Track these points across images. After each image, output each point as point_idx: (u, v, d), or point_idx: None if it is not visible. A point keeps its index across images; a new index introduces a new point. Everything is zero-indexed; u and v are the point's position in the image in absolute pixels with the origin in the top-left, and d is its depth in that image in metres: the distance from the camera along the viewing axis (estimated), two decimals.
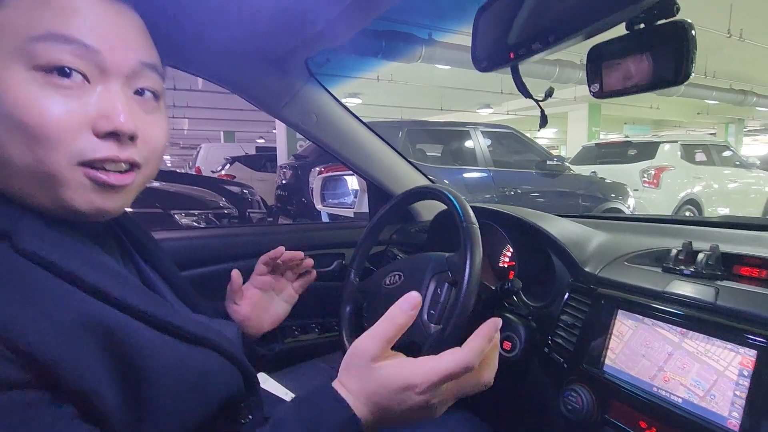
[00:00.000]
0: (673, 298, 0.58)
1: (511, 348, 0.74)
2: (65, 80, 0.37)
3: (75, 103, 0.37)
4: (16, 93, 0.36)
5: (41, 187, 0.38)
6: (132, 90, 0.42)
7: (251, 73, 0.93)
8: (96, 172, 0.39)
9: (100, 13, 0.39)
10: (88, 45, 0.37)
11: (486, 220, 0.89)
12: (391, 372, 0.41)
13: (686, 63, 0.45)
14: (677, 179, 5.46)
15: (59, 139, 0.37)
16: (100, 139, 0.39)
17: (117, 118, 0.38)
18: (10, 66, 0.36)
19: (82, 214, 0.40)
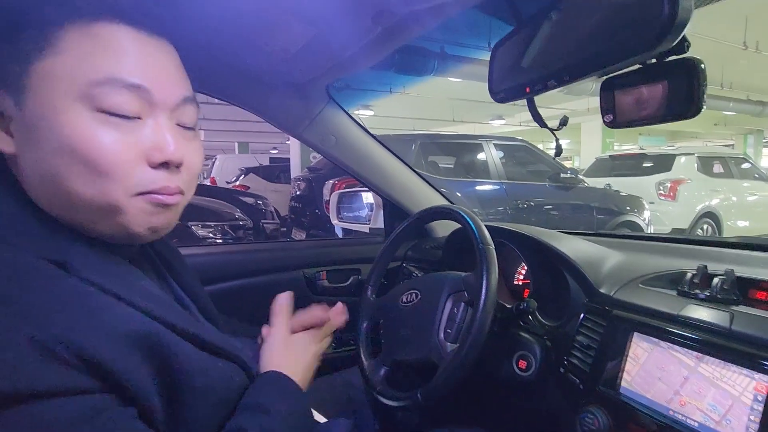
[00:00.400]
0: (689, 323, 0.58)
1: (526, 367, 0.75)
2: (123, 120, 0.41)
3: (131, 138, 0.41)
4: (81, 133, 0.39)
5: (103, 216, 0.42)
6: (175, 121, 0.45)
7: (275, 99, 0.97)
8: (154, 195, 0.43)
9: (147, 53, 0.42)
10: (141, 86, 0.41)
11: (500, 239, 0.91)
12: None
13: (698, 98, 0.47)
14: (694, 192, 5.37)
15: (120, 173, 0.40)
16: (153, 169, 0.42)
17: (168, 150, 0.42)
18: (74, 108, 0.39)
19: (138, 236, 0.44)
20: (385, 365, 0.82)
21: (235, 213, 3.93)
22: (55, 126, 0.39)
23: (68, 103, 0.39)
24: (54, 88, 0.39)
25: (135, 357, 0.39)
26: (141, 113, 0.42)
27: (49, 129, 0.39)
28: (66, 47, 0.39)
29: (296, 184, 4.79)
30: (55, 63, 0.39)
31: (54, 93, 0.39)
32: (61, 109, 0.39)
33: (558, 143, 0.60)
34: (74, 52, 0.39)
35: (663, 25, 0.39)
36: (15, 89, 0.40)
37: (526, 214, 3.89)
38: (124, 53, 0.41)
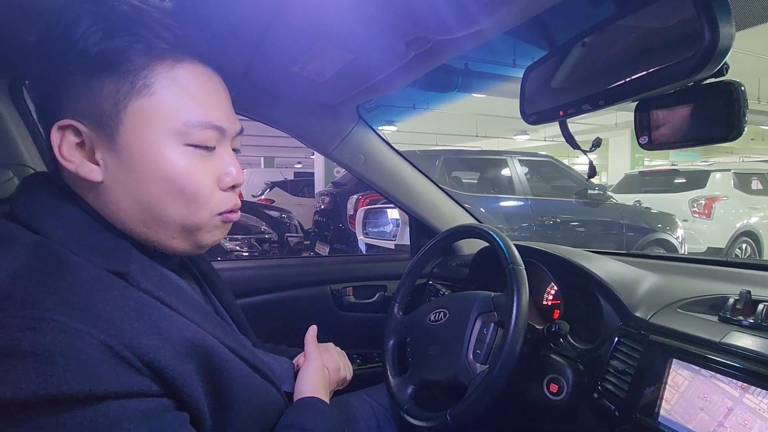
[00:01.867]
0: (733, 350, 0.56)
1: (557, 391, 0.73)
2: (204, 151, 0.47)
3: (209, 167, 0.48)
4: (177, 165, 0.45)
5: (185, 233, 0.48)
6: (232, 148, 0.52)
7: (308, 120, 1.01)
8: (227, 214, 0.50)
9: (218, 93, 0.49)
10: (219, 126, 0.48)
11: (529, 259, 0.90)
12: None
13: (738, 122, 0.46)
14: (731, 209, 5.14)
15: (206, 198, 0.47)
16: (225, 192, 0.49)
17: (234, 174, 0.50)
18: (168, 143, 0.45)
19: (205, 247, 0.51)
20: (413, 384, 0.82)
21: (261, 226, 4.02)
22: (153, 157, 0.44)
23: (165, 139, 0.45)
24: (149, 125, 0.44)
25: (189, 365, 0.42)
26: (215, 145, 0.49)
27: (147, 160, 0.44)
28: (158, 89, 0.44)
29: (320, 198, 4.86)
30: (151, 102, 0.44)
31: (150, 129, 0.44)
32: (158, 143, 0.44)
33: (591, 165, 0.60)
34: (165, 94, 0.45)
35: (704, 53, 0.39)
36: (108, 124, 0.44)
37: (552, 230, 3.82)
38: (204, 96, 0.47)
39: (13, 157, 0.86)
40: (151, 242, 0.48)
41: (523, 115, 0.60)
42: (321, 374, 0.65)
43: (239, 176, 0.50)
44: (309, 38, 0.65)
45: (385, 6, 0.54)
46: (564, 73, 0.53)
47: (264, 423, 0.52)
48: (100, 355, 0.36)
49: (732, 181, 5.26)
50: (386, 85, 0.80)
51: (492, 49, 4.38)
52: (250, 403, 0.48)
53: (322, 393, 0.61)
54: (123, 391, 0.36)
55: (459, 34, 0.52)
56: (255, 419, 0.50)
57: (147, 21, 0.44)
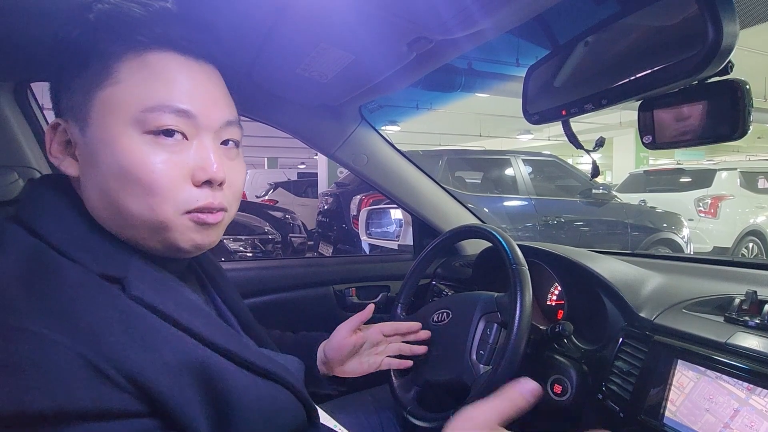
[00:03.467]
0: (739, 351, 0.56)
1: (561, 392, 0.73)
2: (169, 140, 0.43)
3: (177, 158, 0.44)
4: (132, 154, 0.42)
5: (152, 232, 0.44)
6: (219, 141, 0.47)
7: (310, 120, 1.01)
8: (198, 214, 0.45)
9: (194, 79, 0.45)
10: (188, 111, 0.43)
11: (532, 259, 0.89)
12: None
13: (743, 120, 0.45)
14: (737, 209, 5.11)
15: (168, 192, 0.43)
16: (197, 188, 0.44)
17: (210, 169, 0.44)
18: (126, 132, 0.42)
19: (184, 251, 0.46)
20: (416, 385, 0.81)
21: (264, 227, 4.03)
22: (112, 149, 0.42)
23: (123, 128, 0.42)
24: (111, 115, 0.42)
25: (183, 380, 0.39)
26: (188, 135, 0.44)
27: (107, 152, 0.42)
28: (123, 77, 0.42)
29: (324, 199, 4.88)
30: (114, 92, 0.42)
31: (111, 119, 0.42)
32: (117, 133, 0.42)
33: (595, 165, 0.60)
34: (130, 81, 0.42)
35: (708, 52, 0.38)
36: (80, 118, 0.43)
37: (555, 230, 3.80)
38: (174, 80, 0.44)
39: (18, 159, 0.87)
40: (136, 244, 0.45)
41: (525, 114, 0.59)
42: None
43: (218, 172, 0.44)
44: (311, 40, 0.65)
45: (387, 7, 0.54)
46: (567, 72, 0.53)
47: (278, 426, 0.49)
48: (75, 370, 0.33)
49: (738, 180, 5.22)
50: (388, 86, 0.80)
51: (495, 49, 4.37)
52: (256, 411, 0.45)
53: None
54: (99, 409, 0.33)
55: (460, 34, 0.52)
56: (265, 427, 0.47)
57: (125, 17, 0.43)
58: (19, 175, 0.84)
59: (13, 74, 0.85)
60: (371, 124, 1.09)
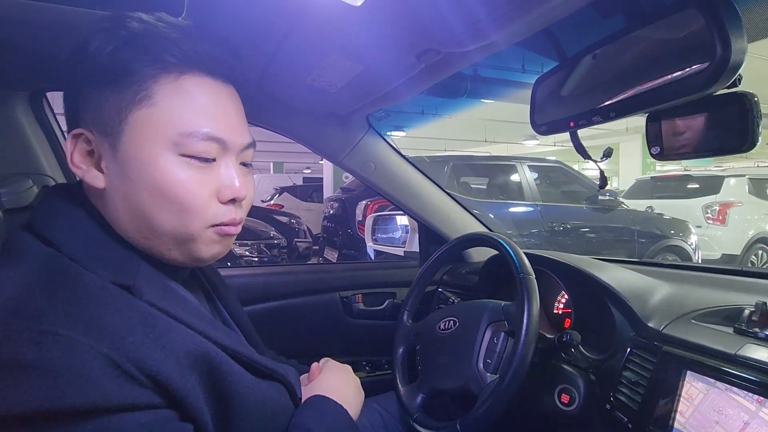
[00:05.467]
0: (749, 363, 0.55)
1: (569, 402, 0.73)
2: (202, 162, 0.46)
3: (207, 179, 0.47)
4: (170, 175, 0.45)
5: (178, 244, 0.47)
6: (239, 162, 0.51)
7: (319, 129, 1.02)
8: (223, 227, 0.49)
9: (223, 105, 0.48)
10: (219, 138, 0.47)
11: (539, 267, 0.89)
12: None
13: (752, 132, 0.46)
14: (746, 216, 5.06)
15: (199, 209, 0.46)
16: (223, 204, 0.48)
17: (235, 188, 0.48)
18: (162, 153, 0.45)
19: (204, 260, 0.50)
20: (422, 392, 0.82)
21: (270, 232, 4.04)
22: (147, 168, 0.44)
23: (159, 149, 0.45)
24: (148, 135, 0.44)
25: (193, 376, 0.42)
26: (216, 157, 0.48)
27: (141, 170, 0.45)
28: (160, 99, 0.45)
29: (329, 204, 4.89)
30: (151, 113, 0.44)
31: (148, 139, 0.44)
32: (154, 153, 0.44)
33: (603, 175, 0.60)
34: (166, 104, 0.45)
35: (716, 68, 0.39)
36: (111, 133, 0.45)
37: (562, 237, 3.79)
38: (207, 107, 0.47)
39: (33, 167, 0.88)
40: (153, 253, 0.48)
41: (533, 125, 0.60)
42: (338, 374, 0.65)
43: (240, 190, 0.48)
44: (321, 51, 0.66)
45: (396, 20, 0.54)
46: (574, 84, 0.53)
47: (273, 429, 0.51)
48: (103, 369, 0.36)
49: (747, 187, 5.17)
50: (396, 95, 0.81)
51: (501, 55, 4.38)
52: (255, 410, 0.48)
53: (339, 391, 0.61)
54: (125, 403, 0.37)
55: (470, 47, 0.52)
56: (267, 425, 0.50)
57: (156, 37, 0.45)
58: (34, 182, 0.85)
59: (29, 83, 0.87)
60: (378, 132, 1.10)
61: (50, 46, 0.66)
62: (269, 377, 0.52)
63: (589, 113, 0.51)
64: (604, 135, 9.12)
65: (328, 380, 0.64)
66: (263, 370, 0.51)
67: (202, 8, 0.57)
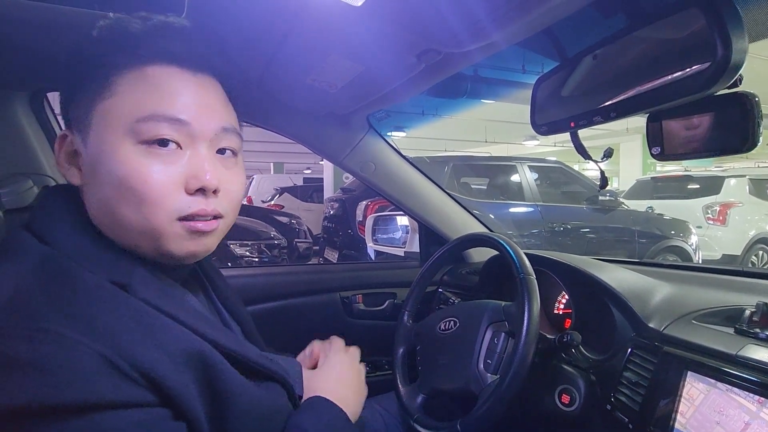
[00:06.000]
0: (750, 364, 0.55)
1: (569, 402, 0.73)
2: (163, 149, 0.44)
3: (171, 168, 0.44)
4: (126, 164, 0.43)
5: (147, 239, 0.45)
6: (215, 150, 0.48)
7: (319, 129, 1.02)
8: (191, 222, 0.46)
9: (189, 90, 0.46)
10: (181, 119, 0.44)
11: (540, 267, 0.89)
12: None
13: (753, 133, 0.45)
14: (746, 216, 5.06)
15: (161, 200, 0.44)
16: (190, 196, 0.45)
17: (203, 177, 0.45)
18: (121, 143, 0.43)
19: (178, 258, 0.47)
20: (423, 393, 0.81)
21: (270, 232, 4.04)
22: (108, 160, 0.43)
23: (119, 139, 0.43)
24: (109, 126, 0.44)
25: (187, 375, 0.42)
26: (182, 144, 0.45)
27: (104, 162, 0.44)
28: (121, 89, 0.44)
29: (329, 204, 4.89)
30: (112, 104, 0.44)
31: (108, 130, 0.44)
32: (113, 144, 0.43)
33: (603, 176, 0.60)
34: (127, 93, 0.44)
35: (717, 68, 0.39)
36: (82, 129, 0.45)
37: (562, 237, 3.79)
38: (168, 91, 0.45)
39: (33, 167, 0.88)
40: (132, 250, 0.46)
41: (533, 125, 0.60)
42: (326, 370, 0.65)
43: (210, 180, 0.45)
44: (322, 51, 0.66)
45: (397, 20, 0.54)
46: (575, 84, 0.53)
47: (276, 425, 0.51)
48: (96, 366, 0.36)
49: (747, 187, 5.17)
50: (397, 96, 0.81)
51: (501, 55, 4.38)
52: (252, 411, 0.47)
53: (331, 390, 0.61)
54: (119, 401, 0.36)
55: (470, 47, 0.52)
56: (263, 426, 0.49)
57: (123, 33, 0.45)
58: (34, 183, 0.85)
59: (29, 83, 0.87)
60: (379, 133, 1.10)
61: (50, 46, 0.66)
62: (267, 377, 0.52)
63: (590, 113, 0.51)
64: (605, 135, 9.12)
65: (327, 377, 0.64)
66: (261, 369, 0.50)
67: (202, 8, 0.57)
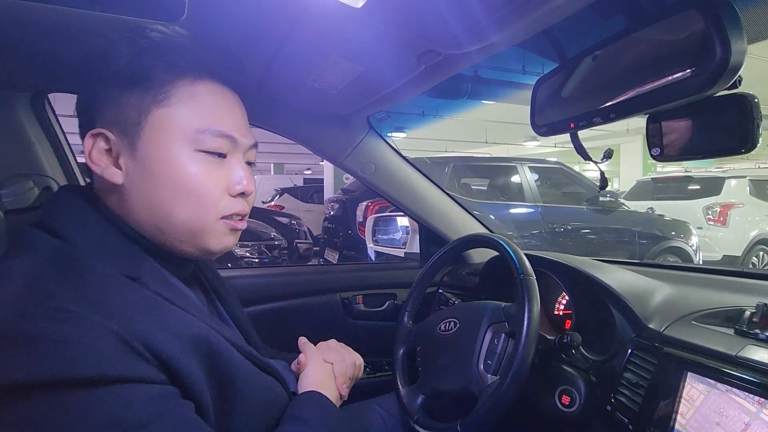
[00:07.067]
0: (749, 365, 0.55)
1: (569, 403, 0.73)
2: (215, 158, 0.51)
3: (220, 173, 0.51)
4: (186, 169, 0.49)
5: (192, 236, 0.51)
6: (245, 160, 0.55)
7: (319, 130, 1.03)
8: (233, 222, 0.53)
9: (234, 108, 0.53)
10: (231, 136, 0.51)
11: (540, 268, 0.89)
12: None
13: (752, 134, 0.46)
14: (747, 217, 5.05)
15: (213, 201, 0.51)
16: (233, 198, 0.52)
17: (244, 182, 0.53)
18: (180, 149, 0.49)
19: (213, 252, 0.53)
20: (423, 393, 0.82)
21: (270, 233, 4.04)
22: (167, 162, 0.48)
23: (178, 145, 0.49)
24: (167, 133, 0.49)
25: (194, 358, 0.45)
26: (227, 154, 0.52)
27: (161, 164, 0.48)
28: (177, 101, 0.49)
29: (330, 205, 4.88)
30: (170, 113, 0.49)
31: (166, 136, 0.49)
32: (172, 149, 0.49)
33: (603, 176, 0.60)
34: (183, 105, 0.49)
35: (716, 69, 0.39)
36: (131, 132, 0.49)
37: (562, 238, 3.78)
38: (221, 108, 0.52)
39: (34, 168, 0.89)
40: (164, 246, 0.51)
41: (533, 126, 0.60)
42: (321, 369, 0.68)
43: (249, 185, 0.53)
44: (322, 52, 0.67)
45: (397, 21, 0.55)
46: (575, 85, 0.53)
47: (269, 419, 0.54)
48: (112, 344, 0.39)
49: (748, 188, 5.17)
50: (397, 96, 0.81)
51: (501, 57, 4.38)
52: (254, 398, 0.51)
53: (324, 387, 0.65)
54: (133, 376, 0.39)
55: (470, 48, 0.53)
56: (260, 414, 0.53)
57: (171, 45, 0.50)
58: (35, 183, 0.85)
59: (31, 84, 0.87)
60: (379, 133, 1.10)
61: (52, 47, 0.66)
62: (264, 370, 0.56)
63: (590, 114, 0.51)
64: (605, 136, 9.12)
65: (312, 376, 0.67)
66: (258, 362, 0.54)
67: (203, 9, 0.57)
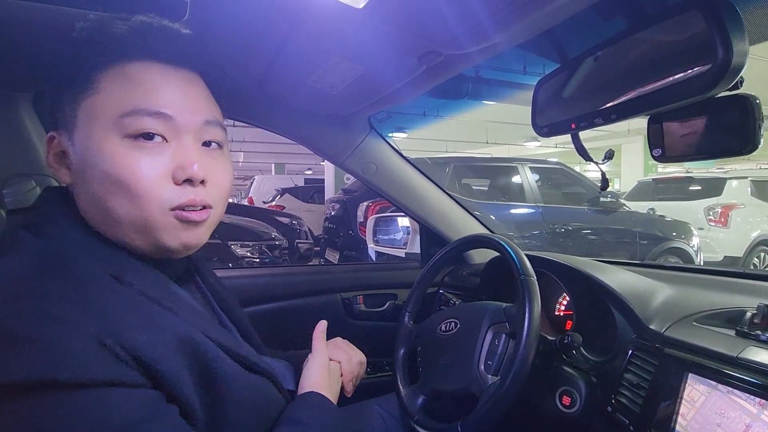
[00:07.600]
0: (751, 366, 0.55)
1: (570, 404, 0.73)
2: (149, 142, 0.45)
3: (158, 160, 0.46)
4: (114, 158, 0.44)
5: (140, 232, 0.46)
6: (200, 142, 0.49)
7: (321, 130, 1.03)
8: (182, 212, 0.47)
9: (171, 84, 0.47)
10: (164, 113, 0.46)
11: (541, 269, 0.89)
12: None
13: (754, 135, 0.46)
14: (748, 218, 5.04)
15: (150, 191, 0.45)
16: (179, 186, 0.46)
17: (190, 168, 0.46)
18: (107, 138, 0.45)
19: (173, 250, 0.48)
20: (423, 394, 0.82)
21: (271, 233, 4.04)
22: (95, 155, 0.45)
23: (104, 134, 0.45)
24: (93, 123, 0.45)
25: (179, 360, 0.43)
26: (167, 137, 0.47)
27: (92, 159, 0.45)
28: (103, 86, 0.45)
29: (331, 205, 4.88)
30: (95, 101, 0.45)
31: (93, 127, 0.45)
32: (99, 140, 0.45)
33: (604, 177, 0.60)
34: (109, 89, 0.45)
35: (717, 71, 0.39)
36: (69, 128, 0.47)
37: (563, 238, 3.78)
38: (150, 86, 0.46)
39: (36, 167, 0.89)
40: (126, 244, 0.47)
41: (534, 127, 0.60)
42: (323, 369, 0.66)
43: (197, 171, 0.46)
44: (323, 53, 0.67)
45: (398, 21, 0.55)
46: (576, 86, 0.53)
47: (264, 420, 0.53)
48: (89, 346, 0.37)
49: (749, 189, 5.16)
50: (398, 97, 0.81)
51: (502, 57, 4.38)
52: (246, 400, 0.49)
53: (325, 387, 0.63)
54: (109, 380, 0.38)
55: (471, 49, 0.53)
56: (254, 416, 0.51)
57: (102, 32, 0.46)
58: (37, 183, 0.85)
59: (32, 85, 0.87)
60: (380, 134, 1.10)
61: (54, 48, 0.66)
62: (256, 371, 0.53)
63: (591, 115, 0.51)
64: (606, 137, 9.11)
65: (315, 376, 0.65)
66: (250, 363, 0.52)
67: (204, 10, 0.57)
